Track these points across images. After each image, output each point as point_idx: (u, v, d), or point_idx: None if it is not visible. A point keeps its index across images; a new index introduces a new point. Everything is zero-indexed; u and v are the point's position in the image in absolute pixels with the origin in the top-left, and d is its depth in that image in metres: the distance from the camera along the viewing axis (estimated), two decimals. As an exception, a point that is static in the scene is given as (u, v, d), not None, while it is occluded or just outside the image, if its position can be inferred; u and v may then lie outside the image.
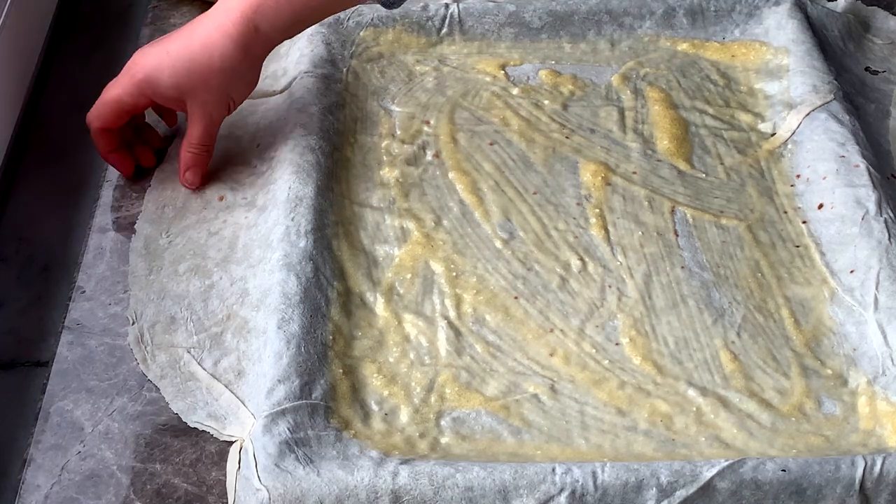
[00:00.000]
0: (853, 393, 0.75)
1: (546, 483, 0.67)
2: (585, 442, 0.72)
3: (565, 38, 1.03)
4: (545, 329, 0.79)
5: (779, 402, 0.75)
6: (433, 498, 0.67)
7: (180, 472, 0.72)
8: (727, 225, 0.87)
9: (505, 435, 0.73)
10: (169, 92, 0.86)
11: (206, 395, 0.75)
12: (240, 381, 0.75)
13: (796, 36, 1.00)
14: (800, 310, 0.81)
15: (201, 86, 0.86)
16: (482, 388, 0.76)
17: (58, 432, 0.74)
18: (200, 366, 0.76)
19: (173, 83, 0.86)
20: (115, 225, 0.88)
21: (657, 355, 0.78)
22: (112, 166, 0.91)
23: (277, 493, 0.67)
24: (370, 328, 0.79)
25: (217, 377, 0.76)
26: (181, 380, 0.76)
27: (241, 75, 0.87)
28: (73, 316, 0.81)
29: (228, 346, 0.78)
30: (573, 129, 0.95)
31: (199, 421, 0.74)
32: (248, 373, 0.74)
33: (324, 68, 0.98)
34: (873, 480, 0.67)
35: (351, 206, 0.88)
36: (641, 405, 0.75)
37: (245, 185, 0.90)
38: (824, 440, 0.73)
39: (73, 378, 0.77)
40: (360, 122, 0.96)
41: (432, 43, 1.03)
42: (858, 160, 0.87)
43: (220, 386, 0.75)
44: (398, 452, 0.71)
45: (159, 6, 1.09)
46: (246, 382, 0.74)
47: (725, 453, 0.71)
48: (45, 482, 0.71)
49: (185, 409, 0.75)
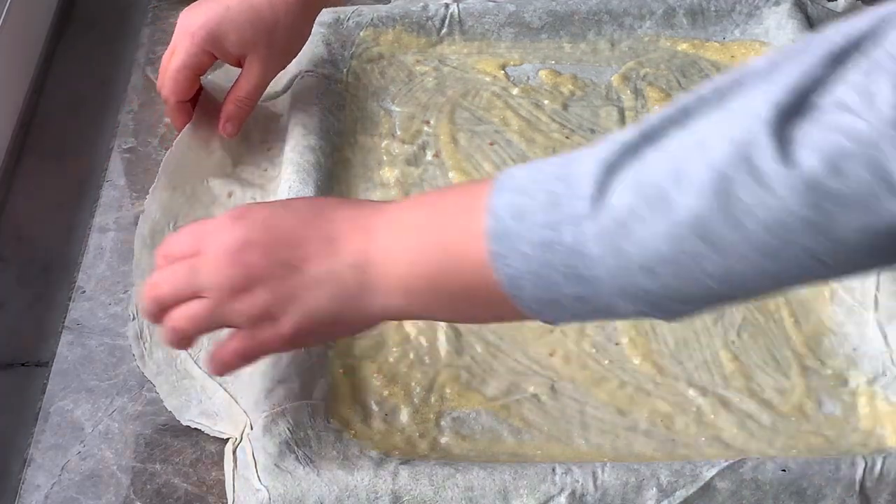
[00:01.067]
0: (853, 393, 0.75)
1: (546, 483, 0.67)
2: (585, 442, 0.72)
3: (565, 38, 1.03)
4: (545, 329, 0.79)
5: (779, 402, 0.75)
6: (433, 498, 0.67)
7: (180, 472, 0.72)
8: (727, 225, 0.87)
9: (505, 435, 0.73)
10: (233, 48, 0.86)
11: (199, 394, 0.75)
12: (235, 379, 0.75)
13: (796, 36, 1.00)
14: (800, 310, 0.81)
15: (264, 40, 0.86)
16: (482, 389, 0.76)
17: (58, 432, 0.74)
18: (196, 364, 0.76)
19: (238, 38, 0.85)
20: (115, 225, 0.88)
21: (657, 355, 0.78)
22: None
23: (277, 493, 0.67)
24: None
25: (212, 376, 0.75)
26: (176, 377, 0.76)
27: (301, 31, 0.88)
28: (73, 316, 0.81)
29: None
30: (573, 129, 0.95)
31: (191, 419, 0.73)
32: (244, 372, 0.74)
33: (324, 68, 0.98)
34: (873, 480, 0.67)
35: (351, 206, 0.88)
36: (642, 405, 0.75)
37: (255, 185, 0.90)
38: (824, 440, 0.73)
39: (73, 378, 0.77)
40: (360, 122, 0.96)
41: (432, 43, 1.03)
42: (858, 160, 0.87)
43: (213, 384, 0.75)
44: (398, 452, 0.71)
45: (159, 6, 1.09)
46: (241, 381, 0.74)
47: (725, 453, 0.71)
48: (45, 482, 0.71)
49: (179, 406, 0.74)
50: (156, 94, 0.99)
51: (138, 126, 0.97)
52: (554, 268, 0.57)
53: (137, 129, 0.96)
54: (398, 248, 0.64)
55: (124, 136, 0.96)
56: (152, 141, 0.95)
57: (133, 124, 0.97)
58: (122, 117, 0.98)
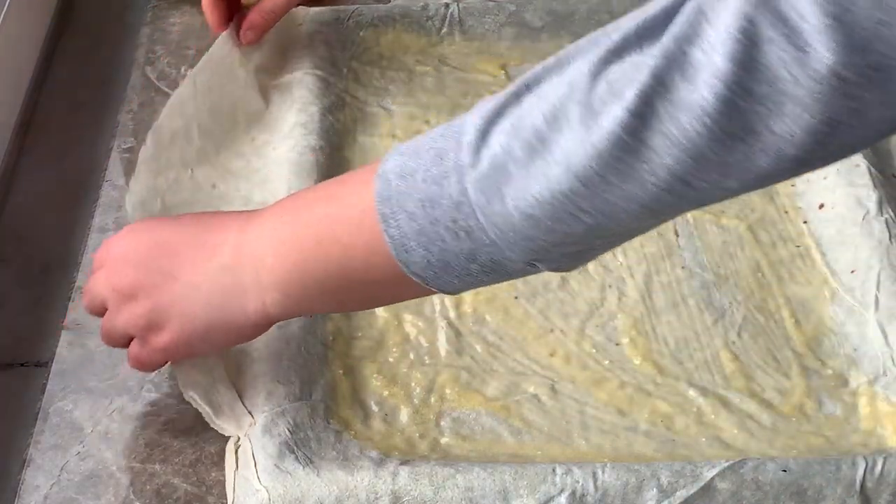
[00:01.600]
0: (854, 393, 0.75)
1: (546, 483, 0.67)
2: (586, 442, 0.72)
3: (566, 38, 1.03)
4: (545, 329, 0.79)
5: (779, 402, 0.75)
6: (433, 498, 0.67)
7: (180, 473, 0.72)
8: (728, 225, 0.87)
9: (505, 435, 0.73)
10: None
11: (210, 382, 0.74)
12: (239, 377, 0.74)
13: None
14: (800, 310, 0.81)
15: None
16: (482, 389, 0.76)
17: (57, 432, 0.74)
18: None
19: None
20: (114, 225, 0.88)
21: (657, 355, 0.78)
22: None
23: (277, 493, 0.67)
24: (370, 328, 0.79)
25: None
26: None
27: None
28: (73, 316, 0.81)
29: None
30: (573, 128, 0.94)
31: (193, 396, 0.72)
32: (247, 372, 0.74)
33: (323, 68, 0.98)
34: (874, 481, 0.67)
35: (351, 206, 0.88)
36: (642, 405, 0.75)
37: (239, 176, 0.89)
38: (825, 440, 0.73)
39: (73, 378, 0.77)
40: (360, 122, 0.96)
41: (432, 43, 1.03)
42: (859, 160, 0.87)
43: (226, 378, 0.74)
44: (398, 453, 0.71)
45: (159, 6, 1.09)
46: (244, 381, 0.74)
47: (726, 454, 0.71)
48: (45, 482, 0.71)
49: (185, 381, 0.73)
50: (155, 93, 0.99)
51: (138, 126, 0.97)
52: (440, 223, 0.57)
53: (137, 129, 0.96)
54: (271, 238, 0.64)
55: (124, 136, 0.96)
56: (152, 141, 0.95)
57: (133, 124, 0.97)
58: (122, 117, 0.98)
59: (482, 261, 0.58)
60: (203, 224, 0.69)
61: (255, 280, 0.65)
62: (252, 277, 0.65)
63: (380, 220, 0.59)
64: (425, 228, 0.58)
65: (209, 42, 0.97)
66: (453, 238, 0.57)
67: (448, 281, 0.60)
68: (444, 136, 0.58)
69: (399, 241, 0.59)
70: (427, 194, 0.57)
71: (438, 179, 0.57)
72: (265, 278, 0.65)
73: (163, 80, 1.01)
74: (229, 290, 0.66)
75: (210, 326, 0.67)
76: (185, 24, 1.07)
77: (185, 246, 0.67)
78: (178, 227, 0.69)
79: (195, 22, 1.07)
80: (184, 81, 0.92)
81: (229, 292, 0.66)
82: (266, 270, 0.65)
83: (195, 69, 0.93)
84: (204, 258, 0.66)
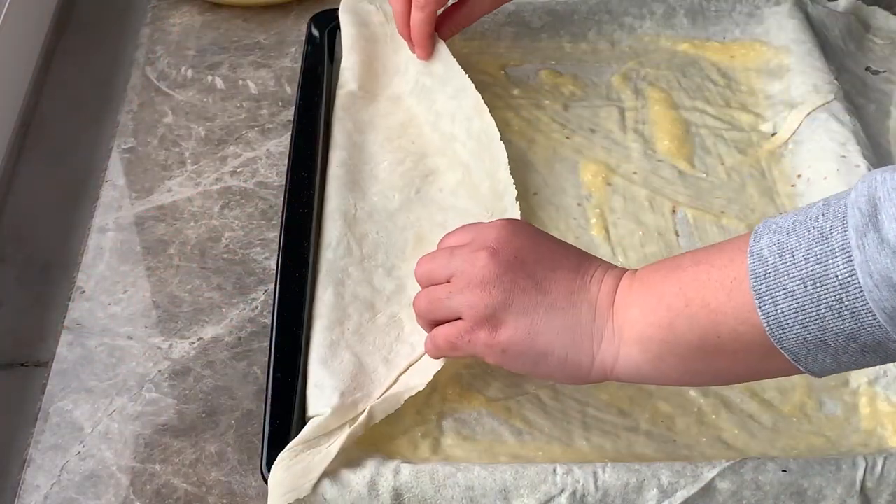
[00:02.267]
0: (854, 393, 0.75)
1: (547, 483, 0.67)
2: (587, 442, 0.72)
3: (565, 38, 1.03)
4: (546, 329, 0.79)
5: (780, 402, 0.75)
6: (434, 497, 0.67)
7: (180, 473, 0.72)
8: (728, 225, 0.87)
9: (506, 435, 0.73)
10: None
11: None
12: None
13: (797, 36, 1.00)
14: (801, 310, 0.81)
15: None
16: (484, 389, 0.75)
17: (57, 432, 0.74)
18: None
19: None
20: (114, 225, 0.88)
21: (658, 355, 0.78)
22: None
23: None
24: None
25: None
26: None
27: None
28: (72, 316, 0.81)
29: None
30: (574, 129, 0.95)
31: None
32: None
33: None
34: (874, 481, 0.67)
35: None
36: (643, 406, 0.75)
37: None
38: (825, 440, 0.73)
39: (73, 378, 0.77)
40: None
41: (432, 43, 1.03)
42: (859, 160, 0.87)
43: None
44: (400, 453, 0.71)
45: (159, 6, 1.09)
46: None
47: (726, 454, 0.71)
48: (45, 482, 0.71)
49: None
50: (155, 93, 0.99)
51: (138, 126, 0.97)
52: (822, 303, 0.56)
53: (137, 129, 0.96)
54: (640, 291, 0.64)
55: (124, 136, 0.96)
56: (152, 141, 0.95)
57: (133, 124, 0.97)
58: (122, 117, 0.98)
59: (863, 342, 0.57)
60: (579, 253, 0.69)
61: (617, 331, 0.65)
62: (614, 327, 0.65)
63: (754, 297, 0.58)
64: (805, 307, 0.57)
65: (209, 42, 0.97)
66: (836, 318, 0.57)
67: (820, 359, 0.59)
68: (822, 214, 0.57)
69: (774, 318, 0.58)
70: (809, 273, 0.56)
71: (822, 259, 0.56)
72: (627, 332, 0.64)
73: (163, 80, 1.01)
74: (586, 330, 0.65)
75: (549, 353, 0.66)
76: (185, 24, 1.07)
77: (564, 266, 0.67)
78: (561, 245, 0.69)
79: (195, 22, 1.07)
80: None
81: (586, 332, 0.65)
82: (630, 324, 0.64)
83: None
84: (577, 287, 0.66)
